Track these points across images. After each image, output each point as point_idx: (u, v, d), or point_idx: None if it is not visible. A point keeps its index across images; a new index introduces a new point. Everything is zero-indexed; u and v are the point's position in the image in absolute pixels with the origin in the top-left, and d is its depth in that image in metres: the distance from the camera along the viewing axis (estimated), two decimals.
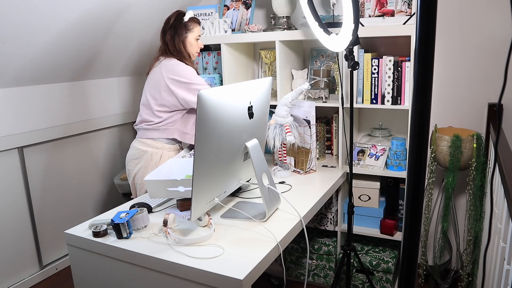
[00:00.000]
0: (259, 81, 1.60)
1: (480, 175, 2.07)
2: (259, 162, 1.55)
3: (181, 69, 2.04)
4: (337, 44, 1.75)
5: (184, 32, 2.09)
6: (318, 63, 2.56)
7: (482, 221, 2.09)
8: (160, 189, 1.60)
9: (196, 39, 2.14)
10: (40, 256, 2.63)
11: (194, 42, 2.13)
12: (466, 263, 2.18)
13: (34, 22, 2.04)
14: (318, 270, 2.43)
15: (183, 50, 2.09)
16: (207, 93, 1.24)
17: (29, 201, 2.55)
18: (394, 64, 2.07)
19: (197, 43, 2.15)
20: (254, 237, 1.43)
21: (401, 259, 0.71)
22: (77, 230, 1.55)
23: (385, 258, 2.25)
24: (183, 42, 2.09)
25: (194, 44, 2.14)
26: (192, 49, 2.14)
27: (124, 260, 1.39)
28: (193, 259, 1.28)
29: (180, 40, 2.08)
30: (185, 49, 2.10)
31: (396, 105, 2.11)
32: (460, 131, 2.14)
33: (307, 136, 2.13)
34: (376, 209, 2.27)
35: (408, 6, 2.09)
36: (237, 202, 1.76)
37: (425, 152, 0.65)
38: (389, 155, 2.21)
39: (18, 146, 2.44)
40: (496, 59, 2.17)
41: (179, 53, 2.08)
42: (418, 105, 0.63)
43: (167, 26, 2.09)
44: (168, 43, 2.08)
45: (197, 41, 2.15)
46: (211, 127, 1.29)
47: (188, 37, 2.11)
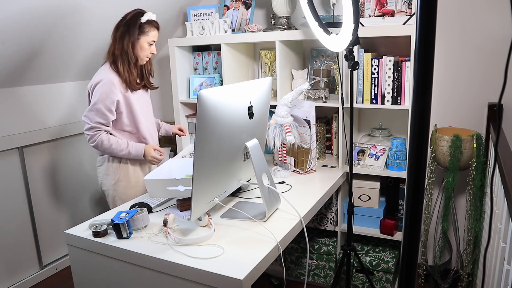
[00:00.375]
0: (259, 81, 1.60)
1: (480, 175, 2.07)
2: (259, 162, 1.55)
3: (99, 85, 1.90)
4: (337, 44, 1.74)
5: (136, 33, 1.92)
6: (318, 63, 2.56)
7: (482, 221, 2.09)
8: (160, 189, 1.60)
9: (150, 44, 1.98)
10: (40, 256, 2.63)
11: (146, 46, 1.97)
12: (466, 263, 2.18)
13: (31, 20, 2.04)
14: (318, 270, 2.43)
15: (130, 52, 1.93)
16: (207, 93, 1.24)
17: (29, 201, 2.55)
18: (394, 64, 2.07)
19: (150, 48, 1.99)
20: (254, 237, 1.43)
21: (401, 259, 0.71)
22: (77, 230, 1.55)
23: (385, 258, 2.25)
24: (132, 43, 1.92)
25: (146, 48, 1.97)
26: (142, 53, 1.97)
27: (124, 260, 1.39)
28: (193, 259, 1.28)
29: (130, 41, 1.92)
30: (133, 51, 1.94)
31: (396, 105, 2.11)
32: (460, 131, 2.14)
33: (307, 136, 2.13)
34: (376, 209, 2.27)
35: (408, 6, 2.09)
36: (237, 202, 1.76)
37: (425, 152, 0.65)
38: (389, 155, 2.21)
39: (18, 146, 2.44)
40: (496, 59, 2.17)
41: (123, 55, 1.92)
42: (418, 105, 0.63)
43: (122, 22, 1.94)
44: (117, 40, 1.93)
45: (150, 46, 1.99)
46: (211, 127, 1.29)
47: (140, 40, 1.94)
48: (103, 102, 1.89)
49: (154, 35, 1.98)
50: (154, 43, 2.00)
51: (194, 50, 2.79)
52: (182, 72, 2.70)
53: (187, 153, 2.14)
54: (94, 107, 1.90)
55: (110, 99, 1.90)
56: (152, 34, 1.97)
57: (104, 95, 1.89)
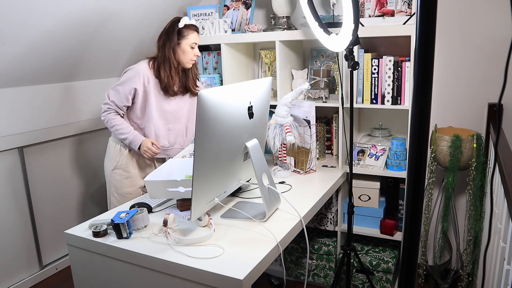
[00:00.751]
0: (259, 81, 1.60)
1: (480, 175, 2.07)
2: (259, 162, 1.55)
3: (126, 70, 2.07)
4: (337, 44, 1.74)
5: (176, 39, 2.03)
6: (318, 63, 2.56)
7: (482, 221, 2.09)
8: (160, 190, 1.60)
9: (191, 47, 2.07)
10: (40, 256, 2.63)
11: (188, 49, 2.06)
12: (466, 263, 2.18)
13: (33, 21, 2.04)
14: (318, 270, 2.43)
15: (172, 57, 2.03)
16: (207, 93, 1.24)
17: (29, 201, 2.55)
18: (394, 64, 2.07)
19: (192, 50, 2.08)
20: (254, 237, 1.43)
21: (401, 259, 0.71)
22: (77, 230, 1.55)
23: (385, 258, 2.25)
24: (173, 49, 2.03)
25: (188, 51, 2.06)
26: (185, 57, 2.07)
27: (124, 260, 1.39)
28: (193, 259, 1.28)
29: (170, 47, 2.03)
30: (175, 56, 2.04)
31: (396, 105, 2.11)
32: (460, 131, 2.14)
33: (307, 136, 2.13)
34: (376, 209, 2.27)
35: (408, 6, 2.09)
36: (237, 202, 1.76)
37: (425, 152, 0.65)
38: (389, 155, 2.21)
39: (18, 146, 2.44)
40: (496, 59, 2.17)
41: (166, 60, 2.04)
42: (418, 105, 0.63)
43: (163, 31, 2.07)
44: (160, 49, 2.06)
45: (192, 49, 2.08)
46: (211, 127, 1.29)
47: (181, 44, 2.04)
48: (123, 86, 2.04)
49: (194, 38, 2.06)
50: (196, 45, 2.09)
51: None
52: None
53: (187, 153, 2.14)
54: (116, 87, 2.06)
55: (129, 86, 2.03)
56: (192, 37, 2.06)
57: (127, 81, 2.03)
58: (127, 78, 2.03)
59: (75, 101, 2.79)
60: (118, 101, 2.05)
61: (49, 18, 2.08)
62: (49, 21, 2.11)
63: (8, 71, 2.24)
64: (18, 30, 2.03)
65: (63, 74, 2.61)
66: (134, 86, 2.03)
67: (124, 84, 2.03)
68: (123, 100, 2.05)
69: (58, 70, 2.54)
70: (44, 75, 2.49)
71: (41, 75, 2.47)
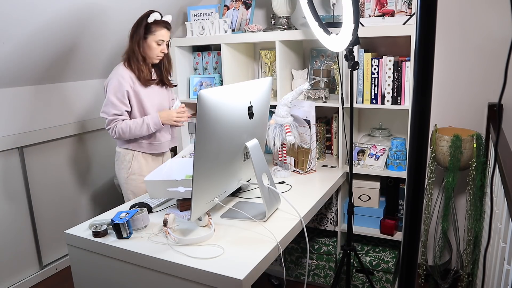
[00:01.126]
0: (259, 81, 1.60)
1: (480, 175, 2.07)
2: (259, 162, 1.55)
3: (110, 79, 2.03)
4: (337, 44, 1.74)
5: (143, 33, 2.01)
6: (318, 63, 2.56)
7: (482, 221, 2.09)
8: (160, 190, 1.60)
9: (158, 43, 2.03)
10: (40, 256, 2.63)
11: (154, 45, 2.03)
12: (466, 263, 2.18)
13: (32, 19, 2.04)
14: (318, 270, 2.43)
15: (137, 51, 2.01)
16: (207, 93, 1.24)
17: (29, 201, 2.55)
18: (394, 64, 2.07)
19: (158, 47, 2.04)
20: (254, 237, 1.43)
21: (401, 259, 0.71)
22: (77, 230, 1.55)
23: (385, 258, 2.25)
24: (138, 42, 2.01)
25: (154, 47, 2.04)
26: (151, 52, 2.05)
27: (124, 260, 1.39)
28: (193, 259, 1.28)
29: (136, 40, 2.01)
30: (139, 50, 2.02)
31: (396, 105, 2.11)
32: (460, 131, 2.14)
33: (307, 136, 2.13)
34: (376, 209, 2.27)
35: (408, 6, 2.09)
36: (237, 202, 1.76)
37: (425, 152, 0.65)
38: (389, 155, 2.21)
39: (18, 146, 2.44)
40: (496, 59, 2.17)
41: (132, 53, 2.02)
42: (418, 105, 0.63)
43: (134, 23, 2.04)
44: (129, 41, 2.05)
45: (159, 46, 2.04)
46: (211, 127, 1.29)
47: (148, 39, 2.02)
48: (115, 95, 2.01)
49: (161, 35, 2.03)
50: (163, 43, 2.06)
51: (194, 50, 2.79)
52: (182, 72, 2.70)
53: (187, 153, 2.14)
54: (108, 100, 2.02)
55: (120, 91, 2.01)
56: (159, 34, 2.02)
57: (115, 88, 2.01)
58: (114, 86, 2.01)
59: (75, 101, 2.79)
60: (118, 110, 2.02)
61: (47, 16, 2.08)
62: (48, 20, 2.11)
63: (9, 71, 2.24)
64: (17, 30, 2.03)
65: (63, 74, 2.61)
66: (124, 89, 2.01)
67: (115, 93, 2.00)
68: (122, 107, 2.02)
69: (58, 70, 2.54)
70: (44, 75, 2.49)
71: (41, 75, 2.47)
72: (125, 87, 2.01)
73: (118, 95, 2.01)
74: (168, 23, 2.07)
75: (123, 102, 2.02)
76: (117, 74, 2.03)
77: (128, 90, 2.02)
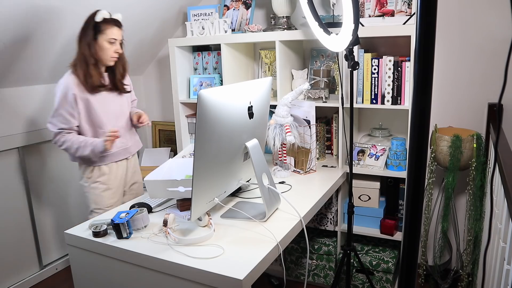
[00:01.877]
0: (259, 81, 1.60)
1: (480, 175, 2.07)
2: (259, 162, 1.55)
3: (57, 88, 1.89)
4: (337, 44, 1.74)
5: (92, 34, 1.86)
6: (318, 63, 2.56)
7: (482, 221, 2.09)
8: (160, 189, 1.60)
9: (110, 42, 1.89)
10: (40, 256, 2.63)
11: (106, 45, 1.88)
12: (466, 263, 2.18)
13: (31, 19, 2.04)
14: (318, 270, 2.43)
15: (87, 54, 1.86)
16: (207, 93, 1.24)
17: (29, 201, 2.55)
18: (394, 64, 2.07)
19: (111, 46, 1.90)
20: (254, 237, 1.43)
21: (401, 259, 0.71)
22: (77, 230, 1.55)
23: (385, 258, 2.25)
24: (89, 44, 1.85)
25: (106, 47, 1.89)
26: (104, 54, 1.90)
27: (124, 260, 1.39)
28: (193, 259, 1.28)
29: (86, 42, 1.86)
30: (91, 52, 1.87)
31: (396, 105, 2.11)
32: (460, 131, 2.14)
33: (307, 136, 2.13)
34: (376, 209, 2.27)
35: (408, 6, 2.09)
36: (237, 202, 1.76)
37: (425, 152, 0.65)
38: (389, 155, 2.21)
39: (18, 146, 2.44)
40: (496, 59, 2.17)
41: (82, 57, 1.87)
42: (418, 105, 0.63)
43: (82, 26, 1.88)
44: (77, 45, 1.89)
45: (112, 45, 1.90)
46: (211, 127, 1.29)
47: (98, 40, 1.87)
48: (63, 106, 1.88)
49: (112, 33, 1.89)
50: (116, 41, 1.91)
51: (194, 50, 2.79)
52: (182, 72, 2.70)
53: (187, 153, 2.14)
54: (56, 112, 1.90)
55: (68, 102, 1.88)
56: (109, 32, 1.88)
57: (63, 99, 1.88)
58: (61, 96, 1.87)
59: None
60: (66, 124, 1.89)
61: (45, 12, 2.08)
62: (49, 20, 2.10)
63: (9, 71, 2.24)
64: (17, 29, 2.02)
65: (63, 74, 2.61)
66: (71, 100, 1.87)
67: (63, 105, 1.87)
68: (70, 121, 1.90)
69: (58, 70, 2.54)
70: (44, 75, 2.49)
71: (41, 75, 2.47)
72: (73, 97, 1.87)
73: (66, 107, 1.87)
74: (118, 21, 1.93)
75: (72, 115, 1.89)
76: (63, 82, 1.89)
77: (77, 99, 1.88)
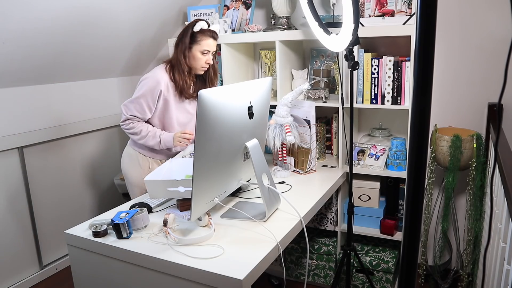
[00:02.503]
0: (259, 81, 1.60)
1: (480, 175, 2.07)
2: (259, 162, 1.55)
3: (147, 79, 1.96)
4: (337, 44, 1.74)
5: (188, 42, 1.94)
6: (318, 63, 2.56)
7: (482, 221, 2.09)
8: (160, 189, 1.60)
9: (202, 53, 1.97)
10: (40, 256, 2.63)
11: (199, 55, 1.96)
12: (466, 263, 2.18)
13: (32, 19, 2.04)
14: (318, 270, 2.43)
15: (182, 61, 1.95)
16: (207, 93, 1.24)
17: (29, 201, 2.55)
18: (394, 64, 2.07)
19: (203, 57, 1.98)
20: (254, 237, 1.43)
21: (401, 259, 0.71)
22: (77, 230, 1.55)
23: (385, 258, 2.25)
24: (184, 52, 1.95)
25: (199, 57, 1.97)
26: (196, 63, 1.98)
27: (124, 260, 1.39)
28: (193, 259, 1.28)
29: (182, 50, 1.95)
30: (185, 61, 1.96)
31: (396, 105, 2.11)
32: (460, 131, 2.14)
33: (307, 136, 2.13)
34: (376, 209, 2.27)
35: (408, 6, 2.09)
36: (237, 202, 1.76)
37: (425, 152, 0.65)
38: (389, 155, 2.21)
39: (18, 146, 2.44)
40: (496, 59, 2.17)
41: (177, 62, 1.96)
42: (418, 105, 0.63)
43: (180, 33, 2.00)
44: (174, 50, 1.99)
45: (204, 55, 1.98)
46: (211, 127, 1.29)
47: (192, 49, 1.96)
48: (145, 98, 1.95)
49: (207, 44, 1.96)
50: (208, 53, 1.99)
51: None
52: None
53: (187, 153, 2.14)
54: (136, 100, 1.95)
55: (152, 95, 1.95)
56: (204, 43, 1.95)
57: (148, 91, 1.94)
58: (149, 88, 1.93)
59: (75, 101, 2.79)
60: (141, 114, 1.97)
61: (47, 16, 2.08)
62: (48, 20, 2.11)
63: (9, 71, 2.24)
64: (17, 29, 2.03)
65: (63, 74, 2.61)
66: (157, 94, 1.95)
67: (147, 96, 1.94)
68: (146, 112, 1.97)
69: (58, 70, 2.54)
70: (44, 75, 2.49)
71: (41, 75, 2.47)
72: (158, 92, 1.94)
73: (148, 98, 1.94)
74: (215, 33, 1.99)
75: (150, 108, 1.97)
76: (155, 75, 1.95)
77: (160, 96, 1.96)
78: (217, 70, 2.14)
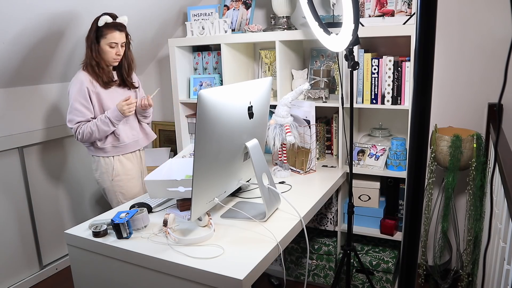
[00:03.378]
0: (259, 81, 1.60)
1: (480, 175, 2.07)
2: (259, 162, 1.55)
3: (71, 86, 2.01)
4: (337, 44, 1.74)
5: (94, 37, 1.98)
6: (318, 63, 2.56)
7: (482, 221, 2.09)
8: (160, 189, 1.60)
9: (110, 46, 2.00)
10: (40, 256, 2.63)
11: (107, 49, 2.00)
12: (466, 263, 2.18)
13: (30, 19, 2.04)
14: (318, 270, 2.43)
15: (90, 56, 1.99)
16: (207, 93, 1.24)
17: (29, 201, 2.55)
18: (394, 64, 2.07)
19: (112, 50, 2.01)
20: (254, 237, 1.43)
21: (401, 259, 0.71)
22: (77, 230, 1.55)
23: (385, 258, 2.25)
24: (91, 47, 1.99)
25: (108, 50, 2.00)
26: (106, 56, 2.02)
27: (124, 260, 1.39)
28: (193, 259, 1.28)
29: (90, 46, 1.99)
30: (92, 55, 1.99)
31: (396, 105, 2.11)
32: (460, 131, 2.14)
33: (307, 136, 2.13)
34: (376, 209, 2.27)
35: (408, 6, 2.09)
36: (237, 202, 1.76)
37: (425, 152, 0.65)
38: (389, 155, 2.21)
39: (18, 146, 2.44)
40: (496, 59, 2.17)
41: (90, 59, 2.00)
42: (418, 105, 0.63)
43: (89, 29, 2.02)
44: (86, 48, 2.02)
45: (112, 48, 2.01)
46: (211, 127, 1.29)
47: (100, 43, 1.99)
48: (78, 100, 1.99)
49: (113, 37, 1.99)
50: (116, 45, 2.01)
51: (194, 50, 2.79)
52: (182, 72, 2.70)
53: (187, 153, 2.14)
54: (72, 107, 2.00)
55: (82, 95, 1.98)
56: (110, 36, 1.98)
57: (77, 94, 1.98)
58: (75, 91, 1.98)
59: None
60: (82, 116, 2.00)
61: (47, 16, 2.08)
62: (48, 20, 2.10)
63: (9, 71, 2.24)
64: (18, 29, 2.02)
65: (63, 74, 2.61)
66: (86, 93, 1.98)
67: (77, 98, 1.98)
68: (85, 113, 2.00)
69: (58, 70, 2.54)
70: (44, 75, 2.49)
71: (41, 75, 2.47)
72: (86, 91, 1.98)
73: (81, 100, 1.98)
74: (121, 24, 2.02)
75: (87, 108, 2.00)
76: (76, 79, 2.00)
77: (90, 93, 1.99)
78: (131, 59, 2.17)
